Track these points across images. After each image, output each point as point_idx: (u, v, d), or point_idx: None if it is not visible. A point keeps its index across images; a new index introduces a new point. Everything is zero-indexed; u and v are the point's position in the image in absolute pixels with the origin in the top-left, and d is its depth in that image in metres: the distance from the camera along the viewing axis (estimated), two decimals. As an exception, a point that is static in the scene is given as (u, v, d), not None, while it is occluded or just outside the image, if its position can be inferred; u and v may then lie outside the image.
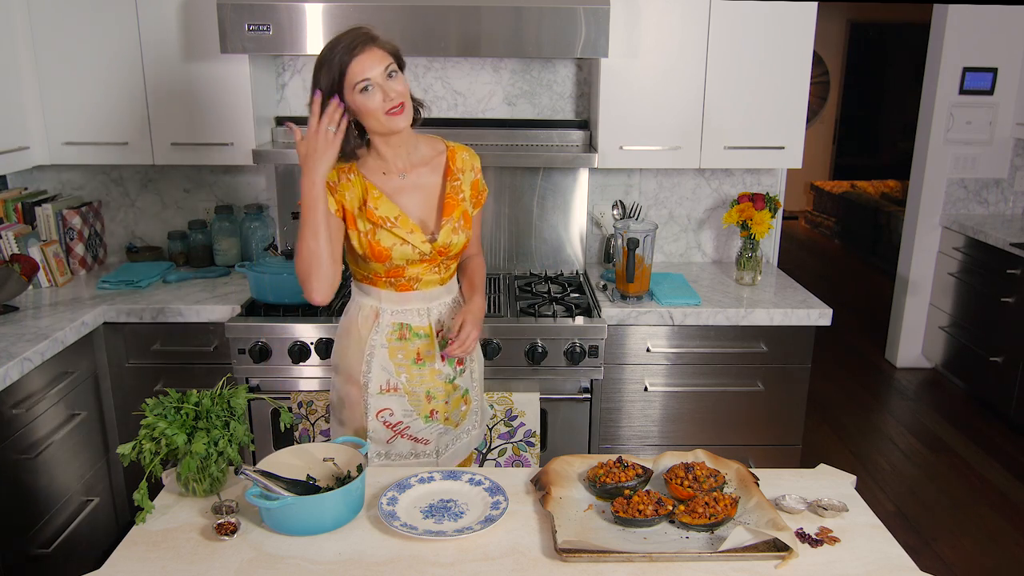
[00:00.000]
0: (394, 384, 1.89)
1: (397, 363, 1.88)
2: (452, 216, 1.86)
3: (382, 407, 1.89)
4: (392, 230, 1.79)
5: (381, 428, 1.90)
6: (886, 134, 9.38)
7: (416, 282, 1.87)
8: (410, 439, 1.93)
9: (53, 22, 2.66)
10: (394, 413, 1.90)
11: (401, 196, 1.84)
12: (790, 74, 2.77)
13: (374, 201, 1.80)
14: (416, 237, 1.81)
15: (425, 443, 1.94)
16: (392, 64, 1.72)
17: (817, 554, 1.43)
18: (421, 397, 1.90)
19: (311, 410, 2.50)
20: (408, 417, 1.91)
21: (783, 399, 2.74)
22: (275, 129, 3.01)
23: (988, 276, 3.99)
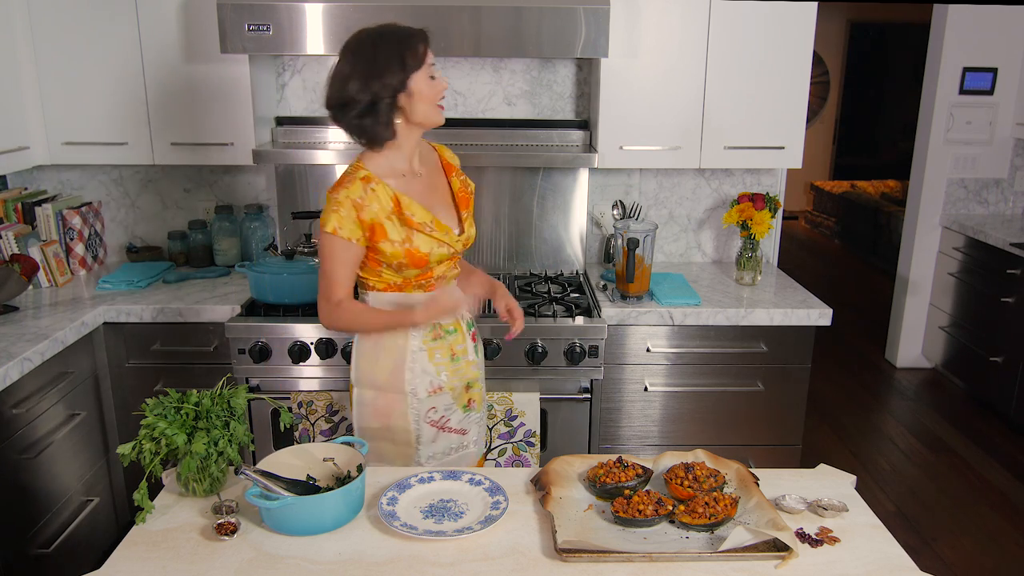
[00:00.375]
0: (437, 384, 1.91)
1: (436, 363, 1.89)
2: (468, 209, 1.93)
3: (430, 407, 1.91)
4: (431, 234, 1.80)
5: (428, 428, 1.92)
6: (886, 134, 9.38)
7: (442, 280, 1.90)
8: (451, 431, 1.97)
9: (53, 22, 2.66)
10: (437, 410, 1.93)
11: (426, 197, 1.85)
12: (790, 74, 2.77)
13: (409, 207, 1.79)
14: (450, 237, 1.84)
15: (463, 433, 1.99)
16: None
17: (817, 554, 1.43)
18: (461, 390, 1.96)
19: (311, 410, 2.50)
20: (449, 411, 1.95)
21: (783, 399, 2.74)
22: (275, 129, 3.01)
23: (988, 276, 3.99)
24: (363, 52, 1.71)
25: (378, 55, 1.69)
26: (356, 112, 1.73)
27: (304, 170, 3.01)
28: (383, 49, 1.70)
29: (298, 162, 2.87)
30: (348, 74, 1.71)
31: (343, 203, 1.75)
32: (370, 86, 1.70)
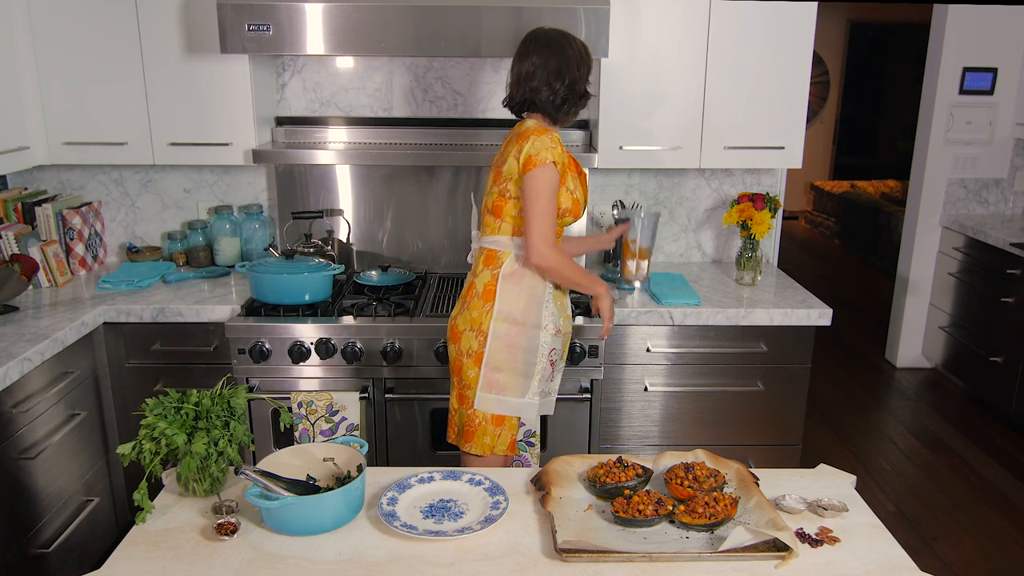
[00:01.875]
0: (558, 326, 2.18)
1: (559, 308, 2.18)
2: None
3: (552, 347, 2.17)
4: (584, 187, 2.20)
5: (548, 367, 2.18)
6: (886, 134, 9.38)
7: (558, 239, 2.20)
8: (553, 375, 2.22)
9: (53, 22, 2.66)
10: (556, 351, 2.20)
11: None
12: (790, 74, 2.77)
13: (576, 162, 2.20)
14: (586, 198, 2.23)
15: (554, 380, 2.25)
16: None
17: (817, 554, 1.43)
18: (567, 338, 2.25)
19: (311, 410, 2.50)
20: (558, 355, 2.22)
21: (783, 399, 2.74)
22: (275, 129, 3.01)
23: (988, 276, 3.99)
24: (583, 52, 2.12)
25: (589, 55, 2.15)
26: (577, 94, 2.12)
27: (304, 170, 3.01)
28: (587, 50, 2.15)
29: (298, 162, 2.87)
30: (578, 61, 2.10)
31: (557, 143, 2.06)
32: (584, 79, 2.14)
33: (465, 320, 2.14)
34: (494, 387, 2.13)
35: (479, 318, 2.11)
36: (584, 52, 2.14)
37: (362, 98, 3.06)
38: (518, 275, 2.12)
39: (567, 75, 2.09)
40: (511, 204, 2.10)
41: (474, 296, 2.14)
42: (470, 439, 2.15)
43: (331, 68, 3.03)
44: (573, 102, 2.13)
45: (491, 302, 2.11)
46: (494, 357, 2.12)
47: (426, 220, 3.06)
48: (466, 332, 2.13)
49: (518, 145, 2.06)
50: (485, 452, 2.15)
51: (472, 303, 2.14)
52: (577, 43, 2.13)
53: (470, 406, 2.14)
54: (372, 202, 3.05)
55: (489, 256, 2.14)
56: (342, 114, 3.06)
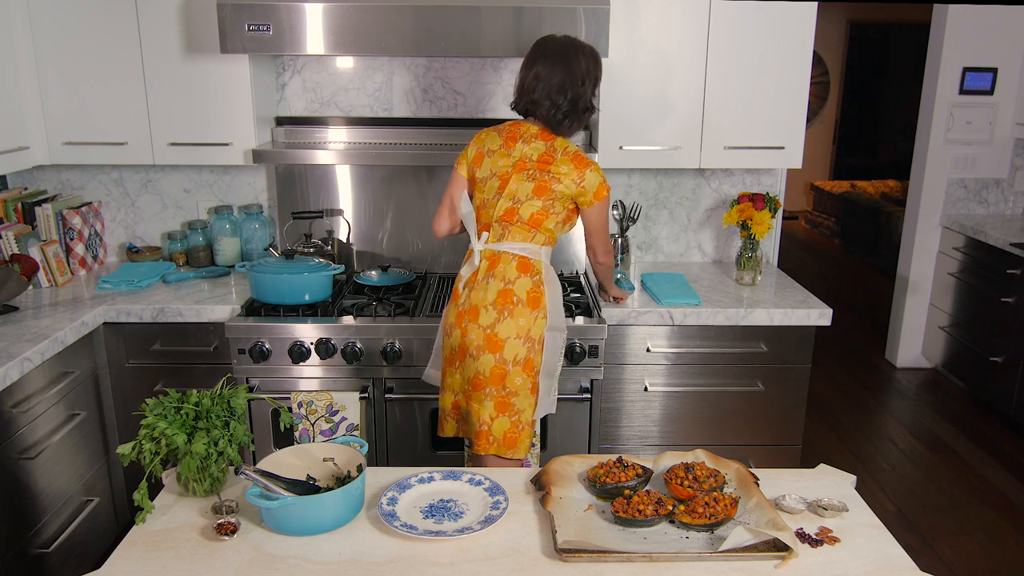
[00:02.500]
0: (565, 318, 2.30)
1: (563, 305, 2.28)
2: None
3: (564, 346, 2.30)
4: None
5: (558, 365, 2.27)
6: (886, 134, 9.38)
7: None
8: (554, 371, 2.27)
9: (53, 22, 2.66)
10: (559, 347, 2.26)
11: None
12: (790, 74, 2.77)
13: None
14: None
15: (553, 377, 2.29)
16: None
17: (817, 554, 1.43)
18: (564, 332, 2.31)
19: (311, 410, 2.50)
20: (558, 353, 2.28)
21: (783, 399, 2.74)
22: (275, 129, 3.01)
23: (988, 276, 3.99)
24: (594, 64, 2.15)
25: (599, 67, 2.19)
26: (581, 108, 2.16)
27: (304, 170, 3.01)
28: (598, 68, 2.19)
29: (298, 162, 2.87)
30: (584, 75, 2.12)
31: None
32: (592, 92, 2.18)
33: (510, 328, 2.12)
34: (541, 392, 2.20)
35: (527, 325, 2.13)
36: (592, 66, 2.14)
37: (362, 98, 3.06)
38: (555, 283, 2.22)
39: (570, 90, 2.11)
40: (552, 218, 2.17)
41: (517, 303, 2.13)
42: (513, 445, 2.17)
43: (331, 68, 3.03)
44: (574, 118, 2.15)
45: (538, 309, 2.14)
46: (547, 364, 2.19)
47: (426, 220, 3.06)
48: (511, 340, 2.12)
49: (578, 172, 2.14)
50: (525, 454, 2.22)
51: (517, 311, 2.13)
52: (586, 56, 2.14)
53: (515, 412, 2.15)
54: (372, 202, 3.05)
55: (523, 263, 2.16)
56: (342, 114, 3.06)
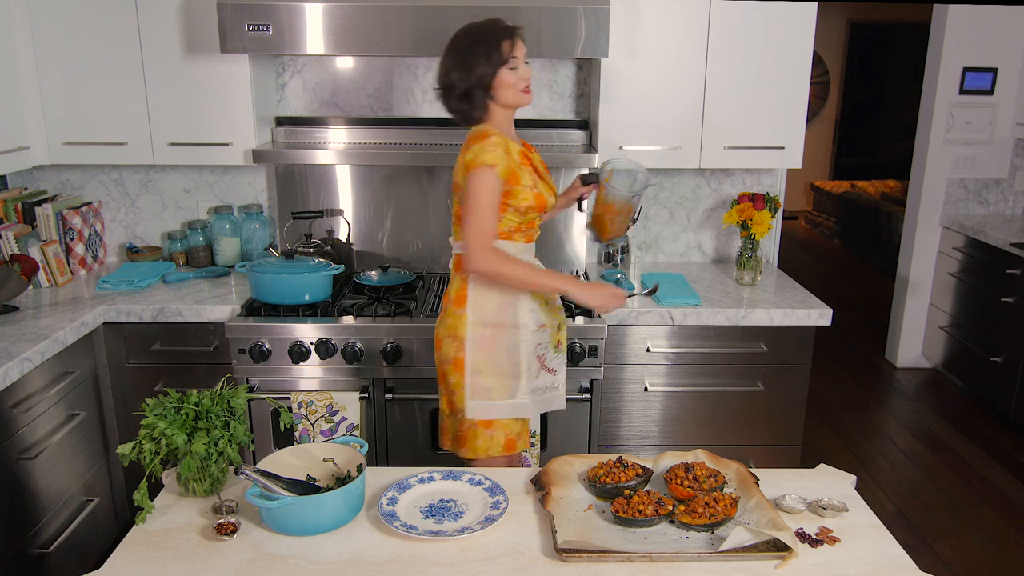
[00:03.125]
0: (541, 321, 2.13)
1: (539, 304, 2.12)
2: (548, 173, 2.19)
3: (537, 342, 2.12)
4: (546, 181, 2.13)
5: (536, 363, 2.13)
6: (886, 134, 9.38)
7: (536, 232, 2.17)
8: (547, 371, 2.17)
9: (53, 22, 2.66)
10: (542, 345, 2.15)
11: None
12: (790, 74, 2.77)
13: (534, 159, 2.12)
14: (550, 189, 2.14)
15: (554, 373, 2.19)
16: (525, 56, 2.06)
17: (817, 554, 1.43)
18: (554, 330, 2.17)
19: (311, 410, 2.50)
20: (545, 349, 2.16)
21: (783, 399, 2.74)
22: (275, 129, 3.01)
23: (988, 276, 3.99)
24: (460, 47, 2.02)
25: (468, 52, 2.01)
26: (455, 96, 2.05)
27: (304, 170, 3.01)
28: (474, 47, 2.01)
29: (298, 162, 2.87)
30: (449, 66, 2.03)
31: (498, 145, 2.00)
32: (465, 77, 2.01)
33: (443, 327, 2.12)
34: (480, 393, 2.09)
35: (455, 324, 2.08)
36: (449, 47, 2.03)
37: (362, 98, 3.06)
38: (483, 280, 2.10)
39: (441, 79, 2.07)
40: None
41: (449, 302, 2.12)
42: (463, 444, 2.13)
43: (331, 68, 3.03)
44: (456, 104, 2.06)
45: (463, 307, 2.08)
46: (475, 362, 2.08)
47: (426, 220, 3.06)
48: (445, 339, 2.10)
49: (463, 152, 2.05)
50: (479, 455, 2.11)
51: (448, 309, 2.11)
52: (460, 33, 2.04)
53: (459, 411, 2.12)
54: (372, 202, 3.05)
55: (457, 261, 2.10)
56: (342, 114, 3.06)
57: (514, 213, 2.06)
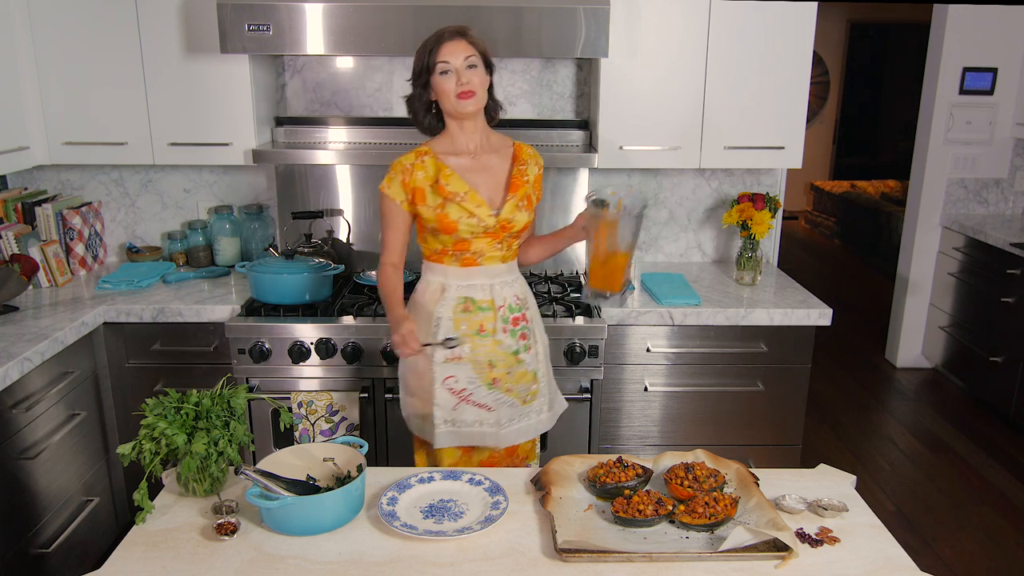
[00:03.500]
0: (458, 353, 2.01)
1: (462, 333, 2.01)
2: (516, 194, 2.03)
3: (448, 375, 2.02)
4: (461, 203, 1.97)
5: (447, 395, 2.03)
6: (886, 134, 9.38)
7: (480, 256, 2.01)
8: (474, 405, 2.05)
9: (53, 22, 2.66)
10: (459, 380, 2.03)
11: (471, 175, 2.02)
12: (790, 74, 2.77)
13: (445, 178, 1.98)
14: (482, 211, 1.98)
15: (488, 409, 2.05)
16: (474, 57, 1.94)
17: (817, 554, 1.43)
18: (484, 365, 2.03)
19: (311, 410, 2.50)
20: (472, 384, 2.03)
21: (783, 399, 2.74)
22: (275, 129, 3.01)
23: (988, 276, 3.99)
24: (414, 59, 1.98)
25: (415, 58, 1.97)
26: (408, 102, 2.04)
27: (304, 170, 3.01)
28: (418, 53, 1.97)
29: (298, 162, 2.87)
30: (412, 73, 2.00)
31: (395, 168, 2.01)
32: (412, 84, 2.00)
33: None
34: (414, 412, 2.11)
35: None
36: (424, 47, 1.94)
37: (362, 98, 3.06)
38: (416, 294, 2.11)
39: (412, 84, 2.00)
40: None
41: None
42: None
43: (331, 68, 3.03)
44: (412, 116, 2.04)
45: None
46: (404, 381, 2.11)
47: (426, 220, 3.06)
48: None
49: None
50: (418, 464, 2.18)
51: None
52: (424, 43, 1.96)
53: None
54: (372, 202, 3.05)
55: None
56: (342, 114, 3.06)
57: (432, 235, 2.01)
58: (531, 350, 2.09)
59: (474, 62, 1.94)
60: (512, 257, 2.09)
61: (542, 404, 2.15)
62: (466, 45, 1.94)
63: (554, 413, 2.21)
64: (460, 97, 1.93)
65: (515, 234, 2.05)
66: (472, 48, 1.94)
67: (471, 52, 1.94)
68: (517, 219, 2.02)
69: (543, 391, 2.15)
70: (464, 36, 1.95)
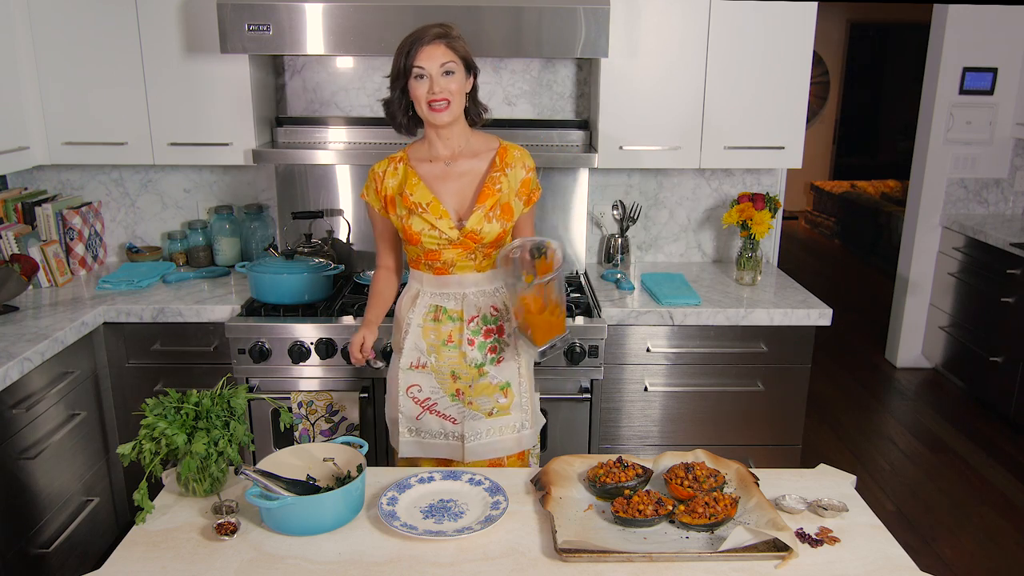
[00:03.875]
0: (423, 362, 1.99)
1: (429, 343, 1.98)
2: (484, 204, 1.93)
3: (411, 383, 2.01)
4: (422, 215, 1.91)
5: (410, 403, 2.02)
6: (886, 134, 9.38)
7: (451, 267, 1.96)
8: (437, 415, 2.02)
9: (53, 22, 2.66)
10: (422, 389, 2.01)
11: (440, 183, 1.96)
12: (790, 74, 2.77)
13: (410, 188, 1.94)
14: (444, 223, 1.91)
15: (452, 421, 2.02)
16: (452, 63, 1.84)
17: (817, 554, 1.43)
18: (447, 376, 1.99)
19: (311, 410, 2.50)
20: (435, 394, 2.01)
21: (783, 399, 2.74)
22: (275, 129, 3.01)
23: (988, 276, 3.99)
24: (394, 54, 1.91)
25: (394, 58, 1.90)
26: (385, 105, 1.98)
27: (304, 170, 3.01)
28: (396, 53, 1.89)
29: (298, 162, 2.87)
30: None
31: (371, 174, 2.01)
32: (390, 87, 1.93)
33: None
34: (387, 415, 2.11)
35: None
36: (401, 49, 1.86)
37: (362, 98, 3.06)
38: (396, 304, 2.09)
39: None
40: None
41: None
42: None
43: (331, 68, 3.03)
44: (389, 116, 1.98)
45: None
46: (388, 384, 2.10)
47: (426, 220, 3.06)
48: None
49: None
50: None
51: None
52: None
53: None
54: (372, 202, 3.05)
55: None
56: (342, 114, 3.06)
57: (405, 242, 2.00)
58: (501, 363, 2.00)
59: (451, 68, 1.84)
60: (490, 265, 1.98)
61: (519, 420, 2.04)
62: (444, 50, 1.83)
63: (535, 427, 2.10)
64: (432, 108, 1.85)
65: (489, 245, 1.94)
66: (451, 53, 1.84)
67: (449, 58, 1.83)
68: (486, 231, 1.91)
69: (521, 406, 2.04)
70: (444, 39, 1.84)
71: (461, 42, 1.88)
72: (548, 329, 1.83)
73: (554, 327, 1.84)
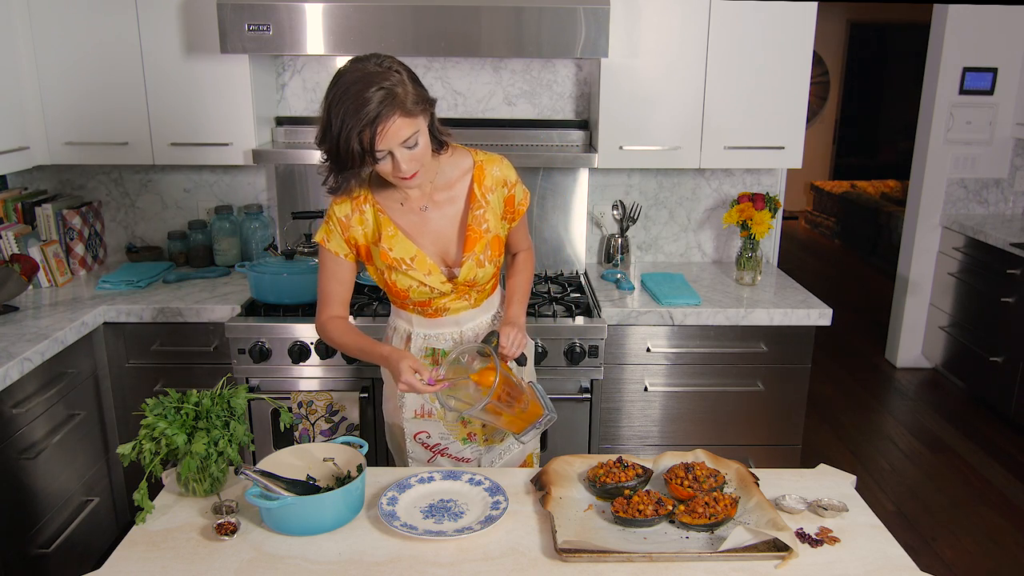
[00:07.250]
0: (428, 409, 1.87)
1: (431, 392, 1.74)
2: (474, 251, 1.75)
3: (418, 430, 1.89)
4: (408, 273, 1.73)
5: (420, 449, 1.91)
6: (886, 134, 9.38)
7: (444, 311, 1.81)
8: (451, 458, 1.91)
9: (53, 22, 2.66)
10: (431, 436, 1.89)
11: (419, 232, 1.76)
12: (790, 74, 2.77)
13: (388, 240, 1.72)
14: (434, 279, 1.74)
15: (467, 461, 1.91)
16: (415, 135, 1.57)
17: (817, 554, 1.43)
18: (456, 425, 1.87)
19: (311, 410, 2.50)
20: (445, 439, 1.89)
21: (783, 399, 2.74)
22: (275, 129, 3.01)
23: (988, 276, 3.99)
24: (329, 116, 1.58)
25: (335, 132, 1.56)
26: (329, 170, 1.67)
27: (304, 170, 3.01)
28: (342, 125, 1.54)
29: (298, 162, 2.87)
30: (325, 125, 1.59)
31: (331, 218, 1.75)
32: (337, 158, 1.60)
33: None
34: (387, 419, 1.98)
35: None
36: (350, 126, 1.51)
37: (362, 98, 3.06)
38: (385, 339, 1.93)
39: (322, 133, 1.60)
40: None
41: None
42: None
43: (331, 68, 3.03)
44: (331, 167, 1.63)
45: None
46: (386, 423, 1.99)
47: (426, 220, 3.06)
48: None
49: None
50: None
51: None
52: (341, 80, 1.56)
53: None
54: (372, 202, 3.05)
55: None
56: (342, 114, 3.06)
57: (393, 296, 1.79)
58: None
59: (415, 141, 1.57)
60: (486, 297, 1.85)
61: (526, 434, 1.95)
62: (402, 122, 1.53)
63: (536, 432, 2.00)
64: (402, 180, 1.62)
65: (482, 287, 1.81)
66: (410, 123, 1.55)
67: (411, 131, 1.55)
68: (479, 276, 1.77)
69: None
70: (398, 108, 1.52)
71: (411, 92, 1.56)
72: (520, 423, 1.73)
73: (527, 418, 1.73)
